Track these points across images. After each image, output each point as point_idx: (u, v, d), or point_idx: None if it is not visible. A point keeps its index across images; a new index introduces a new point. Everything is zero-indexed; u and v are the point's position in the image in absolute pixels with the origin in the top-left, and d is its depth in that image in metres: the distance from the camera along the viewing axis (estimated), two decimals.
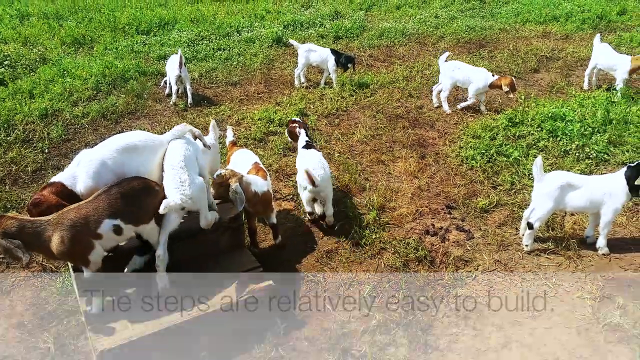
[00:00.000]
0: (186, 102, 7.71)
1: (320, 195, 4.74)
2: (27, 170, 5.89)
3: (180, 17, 11.91)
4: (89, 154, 3.60)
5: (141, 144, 3.70)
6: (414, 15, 12.42)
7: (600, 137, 6.01)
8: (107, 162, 3.55)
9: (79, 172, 3.53)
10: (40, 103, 7.27)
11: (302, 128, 5.26)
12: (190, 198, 3.52)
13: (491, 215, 5.14)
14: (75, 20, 11.66)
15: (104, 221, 3.27)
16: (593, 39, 7.98)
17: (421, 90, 8.20)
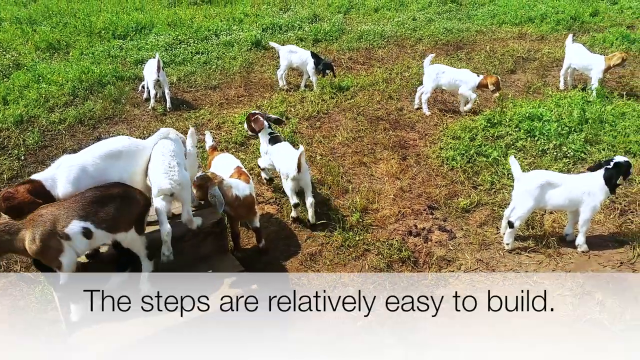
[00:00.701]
0: (165, 106, 7.64)
1: (301, 183, 4.90)
2: (2, 178, 5.79)
3: (157, 21, 11.78)
4: (71, 159, 3.58)
5: (125, 149, 3.69)
6: (392, 18, 12.49)
7: (577, 136, 6.12)
8: (88, 168, 3.53)
9: (59, 176, 3.49)
10: (14, 109, 7.15)
11: (265, 119, 5.31)
12: (179, 184, 3.61)
13: (472, 215, 5.20)
14: (50, 25, 11.45)
15: (72, 222, 3.24)
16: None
17: (401, 92, 8.25)
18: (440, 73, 7.30)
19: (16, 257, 4.48)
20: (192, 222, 3.88)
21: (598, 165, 4.51)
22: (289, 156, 4.98)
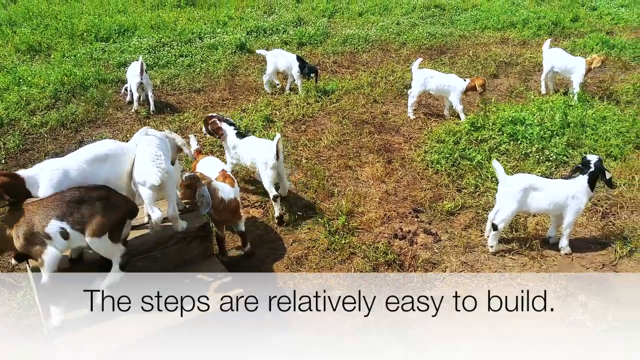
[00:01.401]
0: (148, 109, 7.58)
1: (278, 171, 5.07)
2: None
3: (140, 23, 11.68)
4: (55, 163, 3.56)
5: (111, 153, 3.67)
6: (376, 22, 12.56)
7: (559, 140, 6.21)
8: (71, 172, 3.52)
9: (42, 178, 3.47)
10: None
11: (223, 121, 5.42)
12: (167, 172, 3.62)
13: (457, 217, 5.23)
14: (30, 27, 11.28)
15: (51, 221, 3.24)
16: (550, 44, 8.27)
17: (385, 96, 8.29)
18: (429, 78, 7.28)
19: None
20: (177, 219, 3.86)
21: (576, 170, 4.57)
22: (264, 145, 5.10)
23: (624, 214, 5.20)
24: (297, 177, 5.96)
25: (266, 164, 5.01)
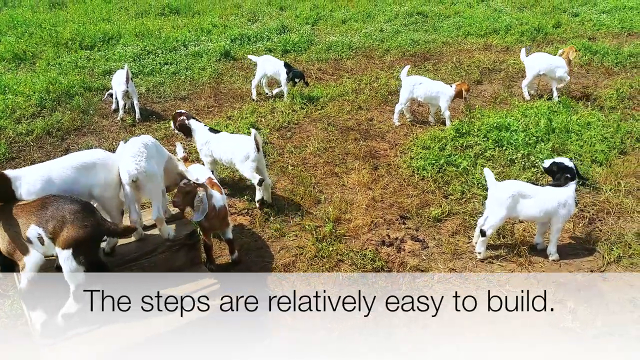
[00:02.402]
0: (134, 117, 7.54)
1: (259, 164, 5.20)
2: None
3: (125, 31, 11.59)
4: (39, 168, 3.54)
5: (97, 162, 3.61)
6: (359, 29, 12.58)
7: (544, 146, 6.25)
8: (53, 178, 3.48)
9: (25, 181, 3.43)
10: None
11: (192, 118, 5.58)
12: (145, 171, 3.62)
13: (444, 224, 5.22)
14: (15, 35, 11.17)
15: (31, 226, 3.24)
16: (533, 50, 8.37)
17: (370, 102, 8.29)
18: (417, 84, 7.23)
19: None
20: (162, 222, 3.86)
21: (560, 176, 4.57)
22: (242, 139, 5.28)
23: (611, 219, 5.22)
24: (284, 184, 5.90)
25: (247, 157, 5.15)
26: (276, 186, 5.84)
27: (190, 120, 5.58)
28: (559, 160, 4.66)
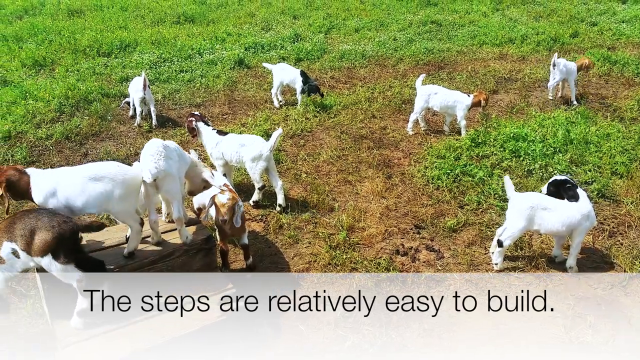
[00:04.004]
0: (151, 123, 7.62)
1: (269, 164, 5.34)
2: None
3: (141, 39, 11.72)
4: (53, 173, 3.61)
5: (108, 176, 3.60)
6: (372, 37, 12.56)
7: (562, 157, 6.13)
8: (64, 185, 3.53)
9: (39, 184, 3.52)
10: (2, 125, 7.15)
11: (201, 120, 5.66)
12: (164, 170, 3.67)
13: (460, 234, 5.12)
14: (35, 42, 11.38)
15: (3, 244, 3.29)
16: (550, 60, 8.30)
17: (384, 111, 8.23)
18: (433, 94, 7.14)
19: None
20: (182, 223, 3.92)
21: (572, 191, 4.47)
22: (253, 139, 5.40)
23: (632, 233, 5.08)
24: (297, 192, 5.86)
25: (260, 157, 5.25)
26: (290, 193, 5.79)
27: (198, 122, 5.63)
28: (562, 177, 4.61)
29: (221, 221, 4.08)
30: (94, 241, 4.04)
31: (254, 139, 5.41)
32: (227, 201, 4.05)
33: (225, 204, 4.04)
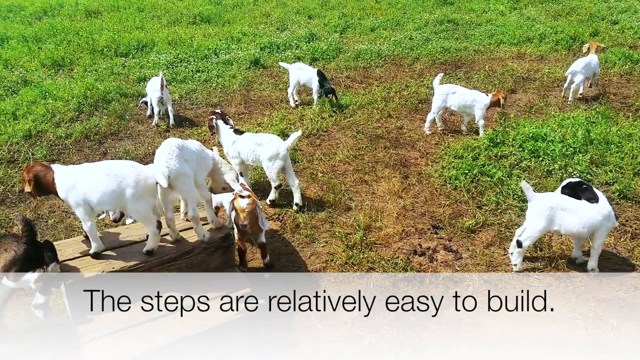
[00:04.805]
0: (168, 123, 7.69)
1: (286, 163, 5.34)
2: (13, 190, 5.84)
3: (158, 39, 11.82)
4: (74, 170, 3.71)
5: (122, 174, 3.67)
6: (388, 37, 12.50)
7: (582, 157, 6.04)
8: (84, 182, 3.62)
9: (61, 179, 3.64)
10: (23, 124, 7.25)
11: (221, 119, 5.68)
12: (175, 170, 3.69)
13: (478, 235, 5.07)
14: (54, 42, 11.54)
15: None
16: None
17: (400, 110, 8.19)
18: (451, 94, 7.07)
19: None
20: (198, 221, 3.97)
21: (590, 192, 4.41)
22: (270, 138, 5.42)
23: None
24: (314, 191, 5.85)
25: (276, 156, 5.26)
26: (306, 193, 5.79)
27: (218, 121, 5.67)
28: (565, 183, 4.56)
29: (241, 226, 4.12)
30: (116, 238, 4.09)
31: (271, 138, 5.42)
32: (246, 206, 4.08)
33: (245, 209, 4.07)
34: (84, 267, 3.72)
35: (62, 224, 5.22)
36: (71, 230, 5.12)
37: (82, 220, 3.74)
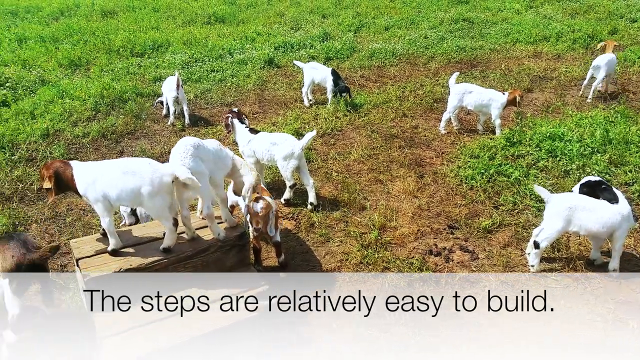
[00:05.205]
0: (183, 122, 7.74)
1: (301, 162, 5.35)
2: (32, 188, 5.90)
3: (173, 39, 11.89)
4: (93, 166, 3.79)
5: (138, 171, 3.71)
6: (402, 36, 12.43)
7: (600, 157, 5.95)
8: (103, 178, 3.68)
9: (81, 176, 3.71)
10: (41, 123, 7.32)
11: (237, 117, 5.72)
12: (189, 168, 3.72)
13: (495, 235, 5.03)
14: (71, 42, 11.64)
15: None
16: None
17: (415, 110, 8.15)
18: (467, 93, 7.02)
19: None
20: (213, 219, 4.00)
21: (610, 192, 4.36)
22: (285, 137, 5.43)
23: None
24: (328, 190, 5.85)
25: (291, 155, 5.26)
26: (320, 192, 5.78)
27: (234, 119, 5.71)
28: (584, 181, 4.51)
29: (255, 230, 4.18)
30: (133, 235, 4.13)
31: (286, 138, 5.43)
32: (260, 210, 4.12)
33: (258, 213, 4.12)
34: (102, 265, 3.76)
35: (79, 222, 5.27)
36: (89, 227, 5.17)
37: (101, 216, 3.78)
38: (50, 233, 5.13)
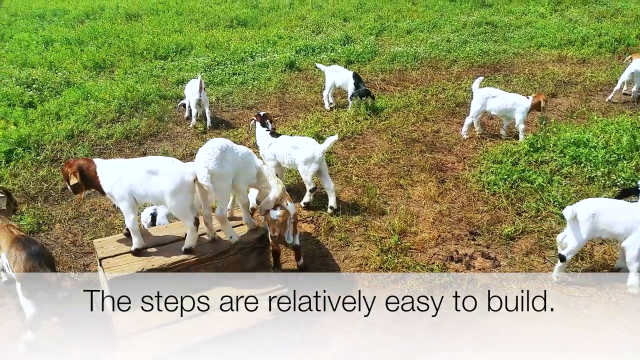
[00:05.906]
0: (205, 125, 7.80)
1: (321, 166, 5.34)
2: (56, 188, 5.99)
3: (196, 42, 12.03)
4: (118, 163, 3.86)
5: (162, 169, 3.78)
6: (425, 39, 12.38)
7: (626, 164, 5.83)
8: (128, 175, 3.76)
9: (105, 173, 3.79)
10: (66, 124, 7.44)
11: (260, 121, 5.77)
12: (212, 170, 3.73)
13: (517, 242, 4.96)
14: (96, 45, 11.88)
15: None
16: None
17: (437, 114, 8.09)
18: (490, 97, 6.93)
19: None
20: (225, 221, 4.02)
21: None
22: (306, 141, 5.43)
23: None
24: (348, 194, 5.84)
25: (312, 159, 5.26)
26: (340, 196, 5.78)
27: (256, 123, 5.77)
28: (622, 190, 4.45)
29: (271, 237, 4.21)
30: (156, 236, 4.19)
31: (307, 141, 5.43)
32: (277, 218, 4.13)
33: (275, 221, 4.13)
34: (125, 264, 3.81)
35: (102, 222, 5.35)
36: (111, 228, 5.24)
37: (125, 214, 3.84)
38: (73, 233, 5.22)
